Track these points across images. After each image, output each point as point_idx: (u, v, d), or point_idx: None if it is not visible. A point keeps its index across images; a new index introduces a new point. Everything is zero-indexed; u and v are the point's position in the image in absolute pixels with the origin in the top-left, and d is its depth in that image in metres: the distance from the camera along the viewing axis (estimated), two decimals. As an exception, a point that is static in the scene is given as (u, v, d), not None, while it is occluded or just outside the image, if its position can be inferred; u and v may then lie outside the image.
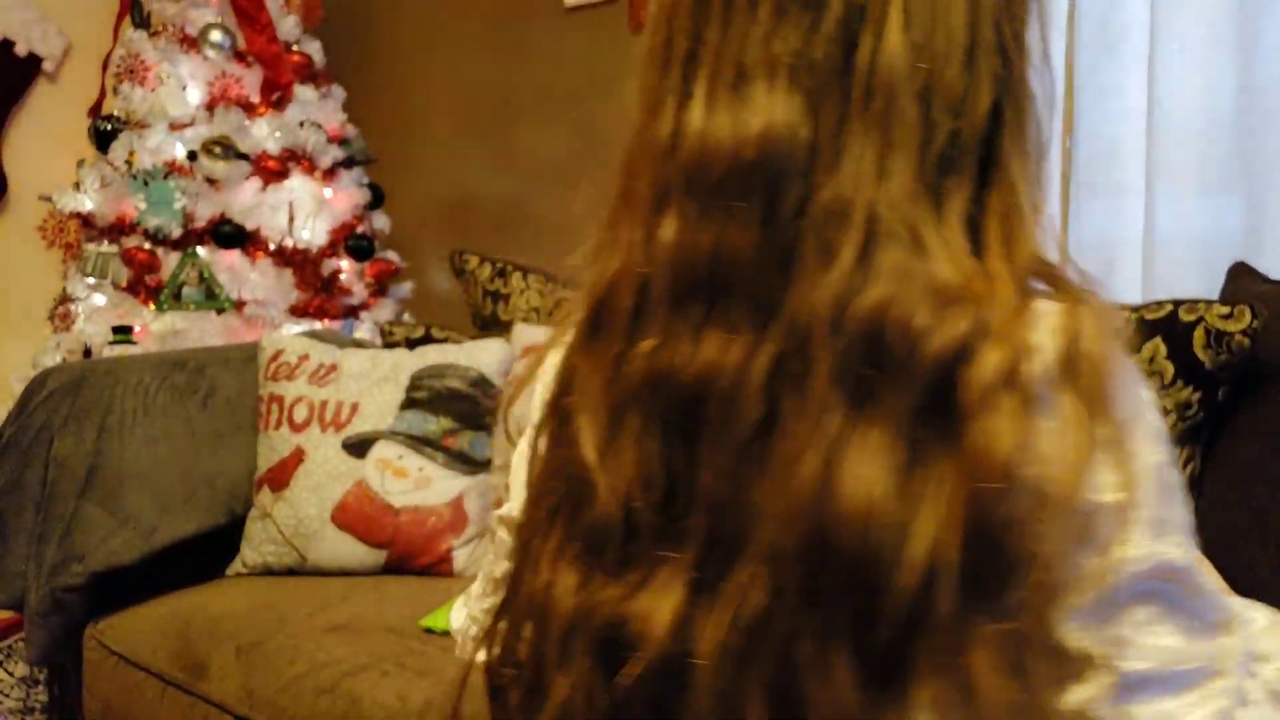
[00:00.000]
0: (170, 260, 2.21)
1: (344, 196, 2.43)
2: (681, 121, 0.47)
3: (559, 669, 0.48)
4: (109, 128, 2.23)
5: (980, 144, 0.46)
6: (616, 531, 0.47)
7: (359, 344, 1.91)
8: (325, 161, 2.39)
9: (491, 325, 1.92)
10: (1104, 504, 0.43)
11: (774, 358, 0.44)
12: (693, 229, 0.45)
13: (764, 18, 0.46)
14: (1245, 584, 0.99)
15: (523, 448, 0.56)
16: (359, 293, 2.42)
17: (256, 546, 1.53)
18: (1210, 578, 0.48)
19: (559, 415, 0.51)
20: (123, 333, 2.08)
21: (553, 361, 0.54)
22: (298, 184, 2.34)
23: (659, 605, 0.44)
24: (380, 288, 2.47)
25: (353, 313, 2.41)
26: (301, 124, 2.35)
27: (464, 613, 0.74)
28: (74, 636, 1.46)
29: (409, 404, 1.57)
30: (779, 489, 0.43)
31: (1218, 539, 1.19)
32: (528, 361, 0.57)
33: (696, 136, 0.46)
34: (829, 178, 0.44)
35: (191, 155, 2.21)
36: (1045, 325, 0.44)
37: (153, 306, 2.19)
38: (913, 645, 0.42)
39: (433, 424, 1.56)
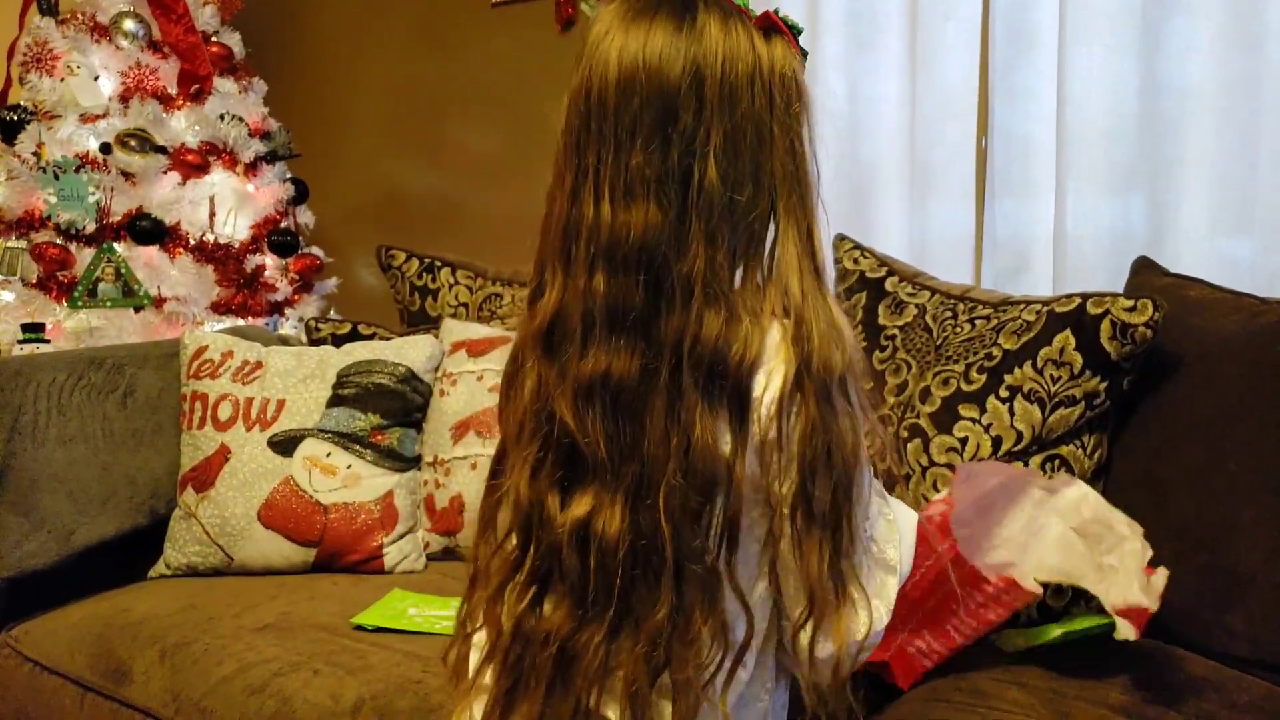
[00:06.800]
0: (84, 256, 2.14)
1: (266, 191, 2.39)
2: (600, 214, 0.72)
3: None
4: (15, 118, 2.15)
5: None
6: (588, 467, 0.73)
7: (284, 341, 1.88)
8: (247, 155, 2.34)
9: (420, 321, 1.91)
10: None
11: (649, 367, 0.71)
12: (613, 285, 0.71)
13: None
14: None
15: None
16: (283, 289, 2.38)
17: (180, 547, 1.50)
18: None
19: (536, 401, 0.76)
20: (33, 331, 2.01)
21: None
22: (218, 178, 2.29)
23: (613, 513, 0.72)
24: (305, 284, 2.43)
25: (277, 309, 2.37)
26: (222, 117, 2.30)
27: None
28: (-14, 644, 1.41)
29: (336, 401, 1.56)
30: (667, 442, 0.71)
31: (1123, 520, 1.25)
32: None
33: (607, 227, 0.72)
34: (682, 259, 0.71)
35: (105, 148, 2.14)
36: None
37: (65, 304, 2.12)
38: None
39: (361, 420, 1.55)
